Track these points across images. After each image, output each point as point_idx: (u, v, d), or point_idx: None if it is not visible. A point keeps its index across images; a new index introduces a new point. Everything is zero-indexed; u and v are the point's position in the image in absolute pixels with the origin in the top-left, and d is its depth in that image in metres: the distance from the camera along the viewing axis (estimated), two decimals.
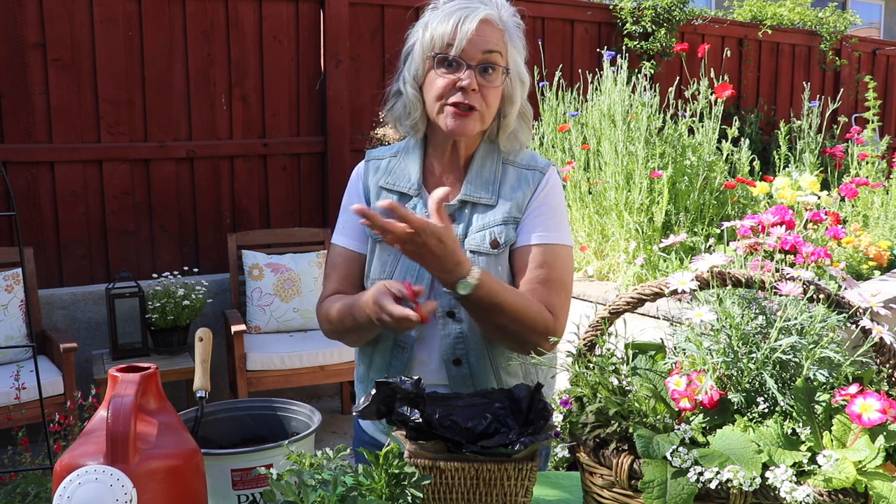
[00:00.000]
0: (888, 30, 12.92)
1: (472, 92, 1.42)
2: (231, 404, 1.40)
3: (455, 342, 1.47)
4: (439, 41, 1.42)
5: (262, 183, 4.53)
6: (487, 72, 1.43)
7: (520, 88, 1.50)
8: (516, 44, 1.48)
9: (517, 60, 1.49)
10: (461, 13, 1.41)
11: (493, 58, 1.43)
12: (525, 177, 1.52)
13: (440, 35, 1.42)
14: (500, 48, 1.44)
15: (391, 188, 1.53)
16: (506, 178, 1.51)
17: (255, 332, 4.02)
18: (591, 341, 1.14)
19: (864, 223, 4.08)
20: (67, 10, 3.93)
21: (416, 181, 1.52)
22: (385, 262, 1.50)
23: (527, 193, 1.50)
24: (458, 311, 1.46)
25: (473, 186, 1.49)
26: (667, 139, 3.80)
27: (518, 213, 1.49)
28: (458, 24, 1.41)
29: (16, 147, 3.88)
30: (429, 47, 1.44)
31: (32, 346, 1.49)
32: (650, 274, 3.38)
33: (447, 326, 1.47)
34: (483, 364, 1.48)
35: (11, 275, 3.55)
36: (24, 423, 3.02)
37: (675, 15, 5.73)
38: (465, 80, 1.41)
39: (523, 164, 1.53)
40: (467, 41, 1.40)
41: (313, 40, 4.58)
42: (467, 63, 1.41)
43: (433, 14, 1.46)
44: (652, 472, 0.94)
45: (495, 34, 1.44)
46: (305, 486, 0.96)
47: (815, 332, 1.01)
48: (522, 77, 1.50)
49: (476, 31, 1.40)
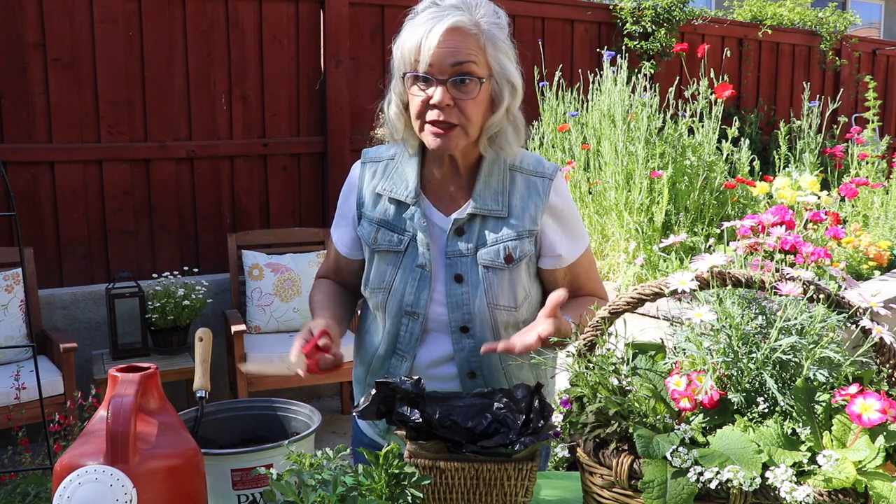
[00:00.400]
0: (888, 30, 12.92)
1: (446, 108, 1.35)
2: (231, 404, 1.40)
3: (469, 356, 1.46)
4: (408, 58, 1.36)
5: (262, 183, 4.53)
6: (463, 83, 1.34)
7: (507, 91, 1.40)
8: (498, 44, 1.38)
9: (501, 62, 1.39)
10: (427, 25, 1.33)
11: (467, 68, 1.34)
12: (534, 185, 1.47)
13: (408, 51, 1.35)
14: (473, 56, 1.34)
15: (389, 195, 1.49)
16: (514, 186, 1.47)
17: (255, 332, 4.02)
18: (591, 341, 1.14)
19: (864, 223, 4.08)
20: (67, 10, 3.93)
21: (414, 188, 1.46)
22: (384, 272, 1.48)
23: (539, 205, 1.46)
24: (472, 325, 1.45)
25: (482, 198, 1.44)
26: (667, 139, 3.80)
27: (533, 226, 1.46)
28: (423, 37, 1.33)
29: (16, 147, 3.88)
30: (401, 65, 1.38)
31: (32, 346, 1.49)
32: (650, 274, 3.38)
33: (461, 341, 1.46)
34: (496, 375, 1.48)
35: (11, 275, 3.55)
36: (24, 423, 3.02)
37: (675, 15, 5.73)
38: (436, 98, 1.34)
39: (531, 171, 1.48)
40: (432, 55, 1.32)
41: (313, 40, 4.58)
42: (437, 78, 1.34)
43: (406, 27, 1.39)
44: (652, 472, 0.94)
45: (467, 42, 1.34)
46: (305, 486, 0.96)
47: (815, 332, 1.01)
48: (510, 79, 1.40)
49: (442, 44, 1.32)
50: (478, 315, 1.44)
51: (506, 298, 1.45)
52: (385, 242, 1.48)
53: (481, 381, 1.47)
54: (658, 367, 1.10)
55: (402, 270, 1.46)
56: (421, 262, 1.45)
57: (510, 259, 1.44)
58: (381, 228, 1.48)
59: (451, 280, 1.45)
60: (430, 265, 1.45)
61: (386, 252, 1.48)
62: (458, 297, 1.44)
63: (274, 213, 4.58)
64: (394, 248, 1.47)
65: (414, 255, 1.46)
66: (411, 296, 1.45)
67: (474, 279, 1.44)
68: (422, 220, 1.45)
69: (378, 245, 1.48)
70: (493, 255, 1.44)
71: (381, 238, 1.48)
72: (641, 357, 1.13)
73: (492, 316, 1.45)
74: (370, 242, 1.49)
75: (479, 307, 1.44)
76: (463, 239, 1.45)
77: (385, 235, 1.48)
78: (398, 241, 1.47)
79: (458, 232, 1.45)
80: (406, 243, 1.46)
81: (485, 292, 1.44)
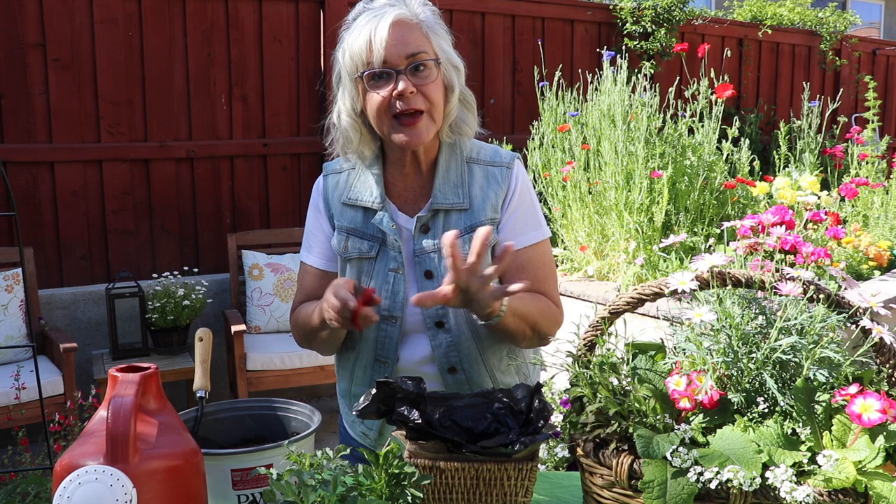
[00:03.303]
0: (888, 30, 12.92)
1: (411, 95, 1.37)
2: (231, 404, 1.40)
3: (447, 351, 1.46)
4: (359, 60, 1.37)
5: (262, 183, 4.53)
6: (419, 70, 1.38)
7: (455, 75, 1.44)
8: (438, 31, 1.42)
9: (444, 48, 1.42)
10: (371, 24, 1.36)
11: (420, 56, 1.37)
12: (493, 175, 1.49)
13: (358, 53, 1.37)
14: (423, 45, 1.38)
15: (354, 203, 1.50)
16: (473, 178, 1.48)
17: (255, 332, 4.02)
18: (591, 341, 1.14)
19: (864, 223, 4.08)
20: (67, 10, 3.93)
21: (380, 194, 1.47)
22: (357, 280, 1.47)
23: (499, 193, 1.47)
24: (447, 320, 1.45)
25: (442, 193, 1.46)
26: (667, 139, 3.80)
27: (495, 214, 1.47)
28: (370, 36, 1.35)
29: (16, 147, 3.88)
30: (353, 69, 1.39)
31: (32, 346, 1.49)
32: (650, 274, 3.38)
33: (437, 337, 1.46)
34: (477, 368, 1.48)
35: (11, 275, 3.55)
36: (24, 423, 3.02)
37: (675, 15, 5.73)
38: (401, 86, 1.36)
39: (488, 161, 1.50)
40: (385, 49, 1.35)
41: (313, 40, 4.58)
42: (396, 70, 1.36)
43: (347, 34, 1.41)
44: (652, 472, 0.94)
45: (413, 32, 1.38)
46: (305, 486, 0.96)
47: (815, 332, 1.01)
48: (455, 63, 1.44)
49: (391, 37, 1.35)
50: (451, 309, 1.44)
51: None
52: (356, 250, 1.48)
53: (462, 377, 1.47)
54: (658, 367, 1.10)
55: (374, 276, 1.47)
56: (393, 265, 1.46)
57: None
58: (350, 237, 1.49)
59: (421, 278, 1.46)
60: (402, 268, 1.46)
61: (358, 259, 1.48)
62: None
63: (274, 213, 4.58)
64: (364, 255, 1.48)
65: (385, 259, 1.47)
66: (387, 300, 1.46)
67: (444, 273, 1.44)
68: (390, 223, 1.46)
69: (349, 253, 1.49)
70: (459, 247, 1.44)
71: (352, 246, 1.49)
72: (641, 357, 1.13)
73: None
74: (341, 251, 1.50)
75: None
76: (428, 236, 1.46)
77: (355, 243, 1.48)
78: (368, 248, 1.48)
79: (424, 229, 1.46)
80: (377, 249, 1.47)
81: None
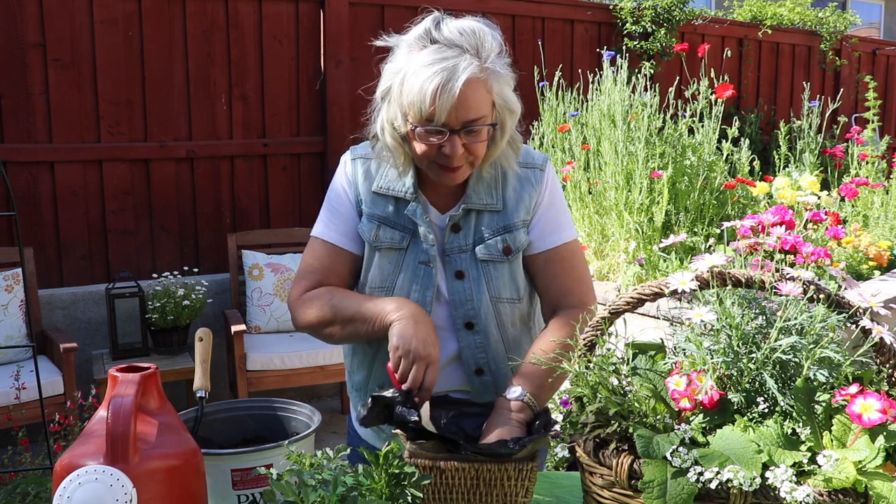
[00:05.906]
0: (888, 30, 12.91)
1: (458, 154, 1.33)
2: (231, 404, 1.40)
3: (476, 352, 1.45)
4: (417, 112, 1.30)
5: (262, 183, 4.53)
6: (475, 132, 1.33)
7: (509, 118, 1.39)
8: (501, 76, 1.35)
9: (504, 94, 1.37)
10: (440, 78, 1.27)
11: (478, 122, 1.33)
12: (526, 176, 1.48)
13: (418, 104, 1.29)
14: (483, 108, 1.33)
15: (386, 193, 1.47)
16: (506, 179, 1.48)
17: (255, 332, 4.02)
18: (591, 341, 1.14)
19: (864, 223, 4.07)
20: (67, 10, 3.92)
21: (412, 184, 1.45)
22: (386, 271, 1.46)
23: (533, 195, 1.47)
24: (477, 321, 1.44)
25: (476, 193, 1.45)
26: (667, 139, 3.80)
27: (527, 216, 1.47)
28: (436, 93, 1.27)
29: (16, 147, 3.88)
30: (406, 111, 1.33)
31: (32, 346, 1.49)
32: (650, 274, 3.38)
33: (466, 337, 1.45)
34: (505, 371, 1.47)
35: (11, 275, 3.55)
36: (24, 423, 3.01)
37: (675, 15, 5.73)
38: (450, 149, 1.32)
39: (521, 162, 1.49)
40: (448, 113, 1.29)
41: (313, 40, 4.58)
42: (450, 129, 1.31)
43: (408, 64, 1.31)
44: (652, 472, 0.94)
45: (478, 92, 1.31)
46: (305, 486, 0.96)
47: (815, 332, 1.01)
48: (511, 107, 1.39)
49: (458, 99, 1.28)
50: (482, 310, 1.44)
51: (508, 291, 1.46)
52: (387, 240, 1.46)
53: (489, 378, 1.46)
54: (658, 367, 1.10)
55: (404, 268, 1.46)
56: (424, 258, 1.44)
57: (508, 251, 1.44)
58: (382, 226, 1.47)
59: (452, 277, 1.44)
60: (433, 261, 1.44)
61: (388, 249, 1.46)
62: (460, 293, 1.44)
63: (274, 213, 4.58)
64: (396, 246, 1.46)
65: (416, 252, 1.45)
66: (416, 293, 1.44)
67: (475, 274, 1.44)
68: (424, 215, 1.45)
69: (380, 242, 1.46)
70: (491, 249, 1.44)
71: (383, 236, 1.46)
72: (641, 357, 1.13)
73: (496, 310, 1.45)
74: (371, 240, 1.47)
75: (483, 302, 1.44)
76: (460, 235, 1.45)
77: (387, 233, 1.46)
78: (400, 238, 1.46)
79: (455, 228, 1.45)
80: (408, 240, 1.46)
81: (487, 286, 1.44)
